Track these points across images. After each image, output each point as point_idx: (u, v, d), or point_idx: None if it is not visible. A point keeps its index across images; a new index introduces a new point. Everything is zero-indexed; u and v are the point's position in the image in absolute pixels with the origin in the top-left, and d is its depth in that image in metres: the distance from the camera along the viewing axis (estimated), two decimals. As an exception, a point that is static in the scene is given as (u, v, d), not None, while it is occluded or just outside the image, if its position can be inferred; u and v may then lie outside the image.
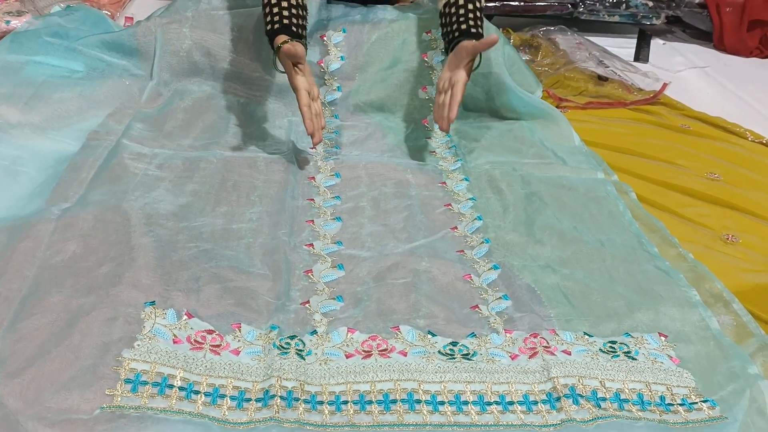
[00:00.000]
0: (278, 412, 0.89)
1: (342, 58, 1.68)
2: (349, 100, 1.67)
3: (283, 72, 1.39)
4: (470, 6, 1.43)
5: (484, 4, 1.48)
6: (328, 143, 1.55)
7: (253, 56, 1.65)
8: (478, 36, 1.40)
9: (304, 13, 1.44)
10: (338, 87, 1.68)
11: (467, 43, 1.38)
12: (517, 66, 1.80)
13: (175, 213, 1.22)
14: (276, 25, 1.37)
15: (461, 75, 1.39)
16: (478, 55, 1.39)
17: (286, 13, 1.38)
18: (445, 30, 1.47)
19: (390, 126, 1.63)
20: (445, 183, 1.45)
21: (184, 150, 1.42)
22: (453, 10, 1.44)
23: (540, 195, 1.40)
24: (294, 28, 1.37)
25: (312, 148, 1.49)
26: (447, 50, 1.45)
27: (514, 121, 1.70)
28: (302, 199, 1.35)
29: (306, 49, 1.39)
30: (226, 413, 0.89)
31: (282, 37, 1.35)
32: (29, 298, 0.99)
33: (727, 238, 1.38)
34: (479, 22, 1.43)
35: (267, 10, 1.40)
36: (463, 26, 1.41)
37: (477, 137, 1.62)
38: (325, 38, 1.69)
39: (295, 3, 1.40)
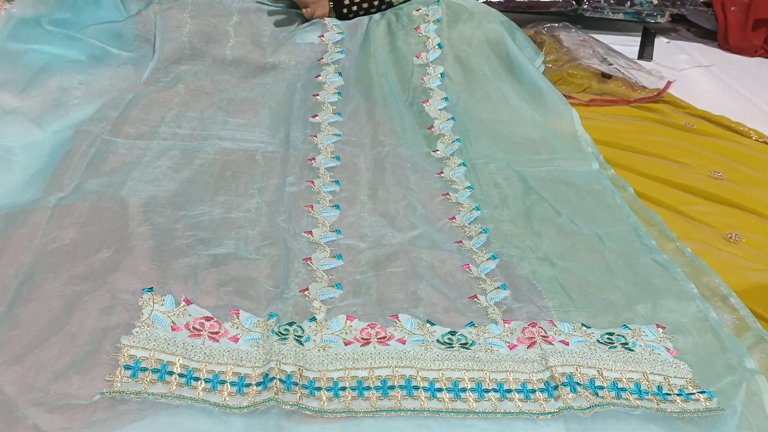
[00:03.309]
0: (277, 394, 0.89)
1: (341, 52, 1.71)
2: (350, 81, 1.67)
3: None
4: None
5: None
6: (329, 130, 1.55)
7: (255, 43, 1.65)
8: None
9: None
10: (339, 73, 1.68)
11: None
12: (516, 37, 1.86)
13: (172, 202, 1.22)
14: None
15: None
16: None
17: None
18: None
19: (391, 114, 1.62)
20: (442, 173, 1.44)
21: (181, 140, 1.41)
22: None
23: (537, 188, 1.40)
24: None
25: (312, 137, 1.49)
26: None
27: (512, 107, 1.69)
28: (302, 182, 1.34)
29: None
30: (227, 398, 0.89)
31: None
32: (26, 285, 0.99)
33: (730, 237, 1.38)
34: None
35: None
36: None
37: (474, 130, 1.62)
38: (323, 38, 1.72)
39: None
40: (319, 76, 1.66)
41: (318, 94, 1.62)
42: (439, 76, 1.68)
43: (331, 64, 1.68)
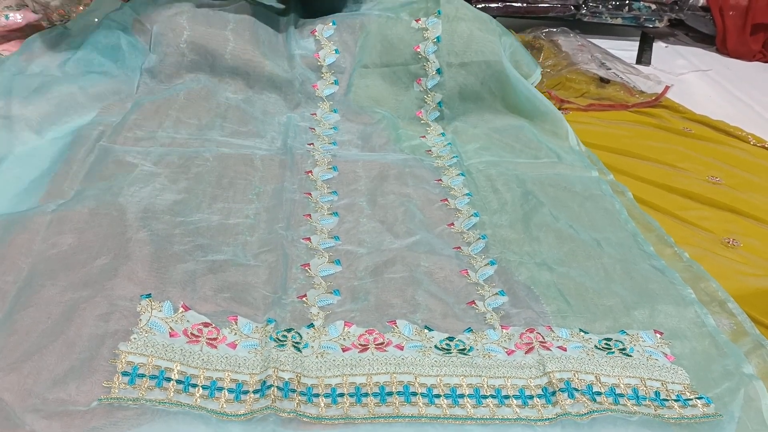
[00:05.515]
0: (275, 402, 0.89)
1: (336, 51, 1.70)
2: (347, 93, 1.68)
3: None
4: None
5: None
6: (326, 139, 1.55)
7: (252, 51, 1.65)
8: None
9: None
10: (335, 81, 1.69)
11: None
12: (515, 49, 1.86)
13: (171, 208, 1.22)
14: None
15: None
16: None
17: None
18: None
19: (386, 120, 1.64)
20: (440, 180, 1.45)
21: (179, 146, 1.42)
22: None
23: (536, 194, 1.41)
24: None
25: (310, 144, 1.50)
26: None
27: (510, 117, 1.70)
28: (299, 193, 1.35)
29: None
30: (224, 406, 0.89)
31: None
32: (24, 291, 0.99)
33: (728, 242, 1.38)
34: None
35: None
36: None
37: (472, 135, 1.64)
38: (315, 33, 1.71)
39: None
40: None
41: (315, 113, 1.64)
42: (437, 105, 1.69)
43: (325, 99, 1.68)
